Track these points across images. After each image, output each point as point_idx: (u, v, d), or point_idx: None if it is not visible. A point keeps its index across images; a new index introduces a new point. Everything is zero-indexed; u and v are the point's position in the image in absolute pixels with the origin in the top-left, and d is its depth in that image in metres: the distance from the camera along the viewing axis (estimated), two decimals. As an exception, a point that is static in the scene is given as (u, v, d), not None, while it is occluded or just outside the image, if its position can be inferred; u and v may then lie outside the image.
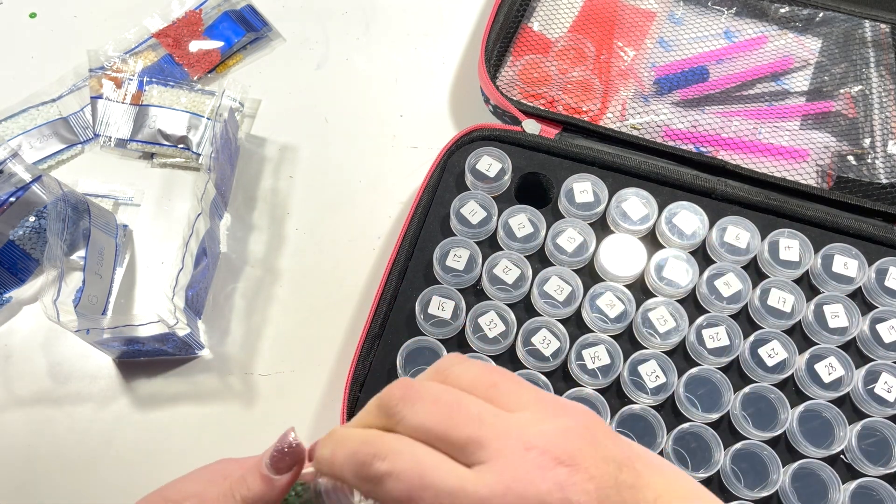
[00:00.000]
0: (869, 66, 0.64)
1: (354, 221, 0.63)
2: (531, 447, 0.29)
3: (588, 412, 0.32)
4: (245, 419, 0.56)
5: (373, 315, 0.53)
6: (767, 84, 0.64)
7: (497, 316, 0.53)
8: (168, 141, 0.64)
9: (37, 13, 0.72)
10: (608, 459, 0.29)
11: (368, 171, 0.65)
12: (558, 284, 0.53)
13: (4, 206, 0.56)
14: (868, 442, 0.50)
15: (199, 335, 0.57)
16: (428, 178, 0.58)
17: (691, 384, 0.51)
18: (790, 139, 0.61)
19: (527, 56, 0.65)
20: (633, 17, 0.67)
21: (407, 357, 0.52)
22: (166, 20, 0.70)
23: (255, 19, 0.70)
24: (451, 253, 0.55)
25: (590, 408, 0.50)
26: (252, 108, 0.67)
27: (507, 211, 0.56)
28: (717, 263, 0.54)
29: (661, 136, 0.62)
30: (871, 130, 0.61)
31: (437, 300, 0.53)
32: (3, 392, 0.56)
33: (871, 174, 0.59)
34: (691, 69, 0.64)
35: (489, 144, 0.59)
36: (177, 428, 0.56)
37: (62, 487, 0.54)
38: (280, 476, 0.34)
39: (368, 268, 0.61)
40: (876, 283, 0.54)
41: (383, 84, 0.69)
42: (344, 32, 0.71)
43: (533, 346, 0.52)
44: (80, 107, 0.66)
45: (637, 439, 0.50)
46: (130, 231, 0.62)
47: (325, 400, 0.56)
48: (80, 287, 0.55)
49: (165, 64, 0.68)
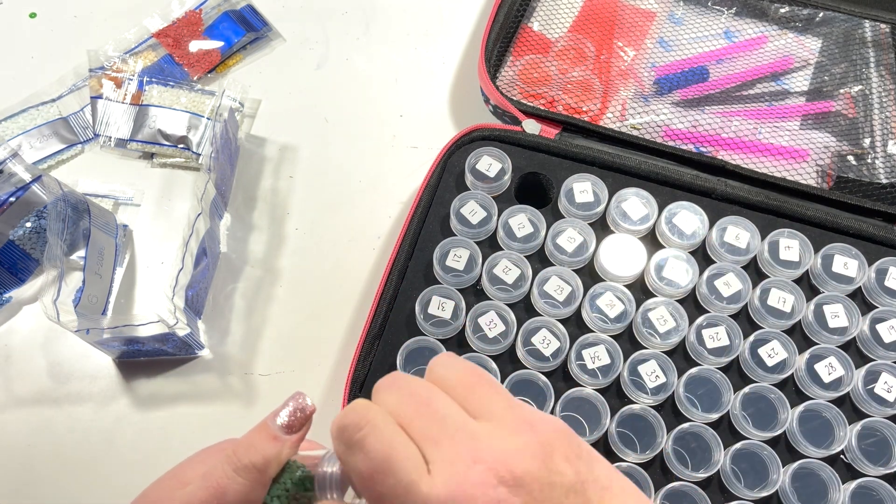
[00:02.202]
0: (869, 66, 0.64)
1: (354, 221, 0.63)
2: (479, 461, 0.29)
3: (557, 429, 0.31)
4: (245, 419, 0.56)
5: (373, 315, 0.53)
6: (767, 84, 0.64)
7: (497, 316, 0.53)
8: (168, 141, 0.64)
9: (37, 13, 0.72)
10: (556, 485, 0.29)
11: (368, 171, 0.65)
12: (558, 284, 0.53)
13: (4, 206, 0.56)
14: (868, 442, 0.50)
15: (199, 335, 0.57)
16: (428, 178, 0.58)
17: (691, 384, 0.51)
18: (790, 139, 0.61)
19: (527, 56, 0.65)
20: (633, 17, 0.67)
21: (407, 357, 0.52)
22: (166, 20, 0.70)
23: (255, 19, 0.70)
24: (451, 253, 0.55)
25: (589, 408, 0.50)
26: (252, 108, 0.67)
27: (507, 211, 0.56)
28: (717, 263, 0.54)
29: (661, 136, 0.62)
30: (871, 130, 0.61)
31: (437, 300, 0.53)
32: (3, 392, 0.56)
33: (871, 174, 0.59)
34: (691, 69, 0.64)
35: (489, 144, 0.59)
36: (177, 428, 0.56)
37: (62, 487, 0.54)
38: (290, 436, 0.34)
39: (368, 268, 0.61)
40: (876, 283, 0.54)
41: (383, 84, 0.69)
42: (344, 32, 0.71)
43: (533, 346, 0.52)
44: (80, 107, 0.66)
45: (637, 439, 0.50)
46: (130, 231, 0.62)
47: (325, 400, 0.56)
48: (80, 287, 0.55)
49: (165, 64, 0.68)
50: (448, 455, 0.30)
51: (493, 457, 0.29)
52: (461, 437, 0.30)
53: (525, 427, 0.31)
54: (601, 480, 0.31)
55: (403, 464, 0.29)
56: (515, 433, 0.31)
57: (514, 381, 0.51)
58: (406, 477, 0.29)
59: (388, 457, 0.29)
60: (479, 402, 0.32)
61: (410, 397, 0.31)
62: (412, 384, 0.32)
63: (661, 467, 0.49)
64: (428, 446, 0.30)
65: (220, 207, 0.60)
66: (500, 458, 0.30)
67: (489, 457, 0.29)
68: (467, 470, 0.29)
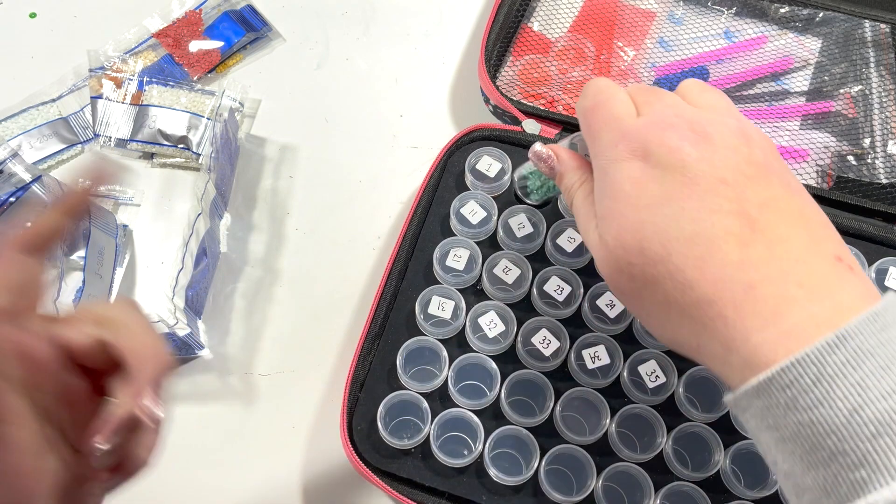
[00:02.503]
0: (869, 66, 0.64)
1: (354, 221, 0.63)
2: (680, 116, 0.36)
3: (772, 147, 0.37)
4: (245, 419, 0.56)
5: (373, 315, 0.53)
6: (767, 84, 0.64)
7: (497, 316, 0.53)
8: (168, 141, 0.64)
9: (37, 13, 0.72)
10: (747, 175, 0.35)
11: (368, 171, 0.65)
12: (558, 284, 0.53)
13: (4, 206, 0.56)
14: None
15: (199, 335, 0.57)
16: (428, 178, 0.58)
17: (691, 384, 0.51)
18: (790, 139, 0.61)
19: (527, 56, 0.65)
20: (633, 17, 0.67)
21: (407, 357, 0.52)
22: (166, 20, 0.70)
23: (255, 19, 0.70)
24: (451, 253, 0.55)
25: (589, 408, 0.50)
26: (252, 108, 0.67)
27: (507, 211, 0.56)
28: (717, 263, 0.54)
29: (661, 136, 0.62)
30: (871, 130, 0.61)
31: (437, 300, 0.53)
32: (3, 392, 0.56)
33: (871, 174, 0.59)
34: (691, 69, 0.64)
35: (489, 144, 0.59)
36: (177, 428, 0.56)
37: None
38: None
39: (368, 268, 0.61)
40: (876, 283, 0.54)
41: (383, 84, 0.69)
42: (344, 32, 0.71)
43: (533, 346, 0.52)
44: (80, 107, 0.66)
45: (637, 439, 0.50)
46: (130, 231, 0.62)
47: (325, 400, 0.56)
48: (80, 287, 0.55)
49: (165, 64, 0.68)
50: (657, 107, 0.37)
51: (694, 118, 0.36)
52: (675, 106, 0.37)
53: (734, 117, 0.37)
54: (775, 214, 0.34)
55: (619, 105, 0.38)
56: (722, 113, 0.37)
57: (514, 381, 0.51)
58: (617, 110, 0.38)
59: (610, 96, 0.39)
60: (697, 101, 0.39)
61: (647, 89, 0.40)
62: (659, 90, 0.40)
63: (661, 467, 0.49)
64: (644, 107, 0.38)
65: (220, 207, 0.60)
66: (701, 121, 0.36)
67: (691, 117, 0.36)
68: (669, 116, 0.36)
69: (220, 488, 0.54)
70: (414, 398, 0.50)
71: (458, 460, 0.48)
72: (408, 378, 0.51)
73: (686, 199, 0.33)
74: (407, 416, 0.50)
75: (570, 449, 0.48)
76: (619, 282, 0.36)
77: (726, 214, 0.33)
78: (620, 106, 0.38)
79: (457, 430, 0.50)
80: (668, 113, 0.36)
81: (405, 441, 0.49)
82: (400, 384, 0.51)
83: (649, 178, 0.35)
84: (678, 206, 0.33)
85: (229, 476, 0.54)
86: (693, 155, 0.34)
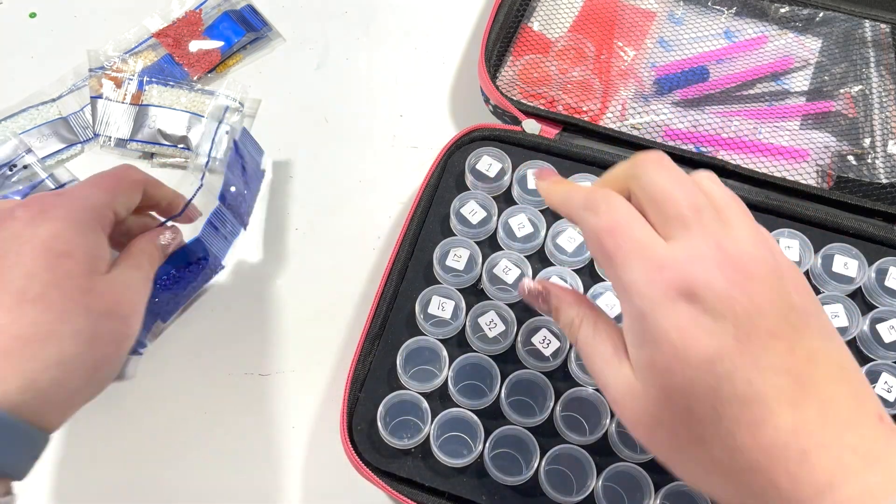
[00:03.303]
0: (869, 66, 0.64)
1: (354, 221, 0.63)
2: (721, 249, 0.32)
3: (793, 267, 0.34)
4: (245, 419, 0.56)
5: (373, 315, 0.53)
6: (767, 84, 0.64)
7: (497, 316, 0.53)
8: (168, 141, 0.64)
9: (37, 13, 0.72)
10: (784, 306, 0.32)
11: (368, 171, 0.65)
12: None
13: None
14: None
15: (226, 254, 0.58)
16: (428, 178, 0.58)
17: (691, 384, 0.51)
18: (790, 139, 0.61)
19: (527, 56, 0.65)
20: (633, 17, 0.67)
21: (407, 357, 0.52)
22: (166, 20, 0.70)
23: (255, 19, 0.70)
24: (451, 253, 0.55)
25: (589, 408, 0.50)
26: (252, 108, 0.67)
27: (507, 211, 0.56)
28: (717, 263, 0.54)
29: (662, 136, 0.62)
30: (871, 130, 0.61)
31: (437, 300, 0.53)
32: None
33: (871, 174, 0.59)
34: (691, 69, 0.64)
35: (489, 144, 0.59)
36: (177, 428, 0.56)
37: (61, 487, 0.54)
38: None
39: (368, 268, 0.61)
40: (876, 283, 0.54)
41: (383, 84, 0.69)
42: (344, 32, 0.71)
43: (533, 346, 0.52)
44: (80, 107, 0.66)
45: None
46: (130, 231, 0.62)
47: (325, 400, 0.56)
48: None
49: (165, 64, 0.68)
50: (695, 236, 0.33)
51: (731, 249, 0.32)
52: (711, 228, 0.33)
53: (767, 248, 0.33)
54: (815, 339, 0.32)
55: (641, 227, 0.34)
56: (758, 245, 0.33)
57: (514, 381, 0.51)
58: (641, 235, 0.33)
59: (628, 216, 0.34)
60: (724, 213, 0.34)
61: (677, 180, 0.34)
62: (678, 172, 0.35)
63: (661, 467, 0.49)
64: (676, 225, 0.33)
65: (231, 223, 0.60)
66: (742, 256, 0.32)
67: (728, 248, 0.32)
68: (710, 248, 0.32)
69: (220, 488, 0.54)
70: (414, 398, 0.50)
71: (458, 460, 0.48)
72: (408, 378, 0.51)
73: (739, 357, 0.31)
74: (407, 416, 0.50)
75: (570, 449, 0.48)
76: (656, 436, 0.34)
77: (777, 373, 0.31)
78: (643, 229, 0.34)
79: (457, 430, 0.50)
80: (707, 246, 0.32)
81: (405, 441, 0.49)
82: (400, 384, 0.51)
83: (699, 328, 0.31)
84: (731, 364, 0.31)
85: (229, 476, 0.54)
86: (742, 303, 0.31)
